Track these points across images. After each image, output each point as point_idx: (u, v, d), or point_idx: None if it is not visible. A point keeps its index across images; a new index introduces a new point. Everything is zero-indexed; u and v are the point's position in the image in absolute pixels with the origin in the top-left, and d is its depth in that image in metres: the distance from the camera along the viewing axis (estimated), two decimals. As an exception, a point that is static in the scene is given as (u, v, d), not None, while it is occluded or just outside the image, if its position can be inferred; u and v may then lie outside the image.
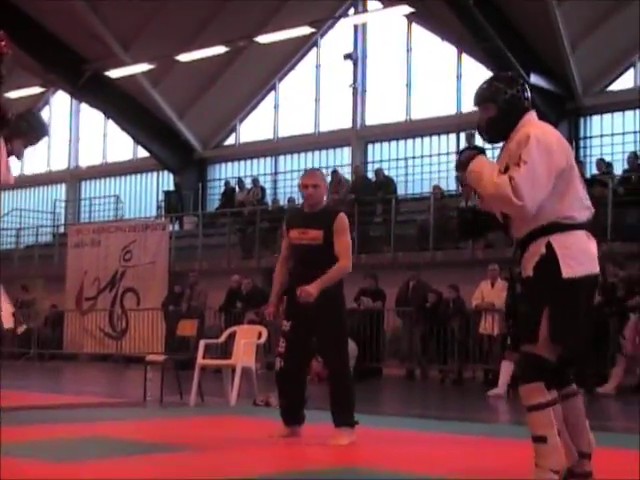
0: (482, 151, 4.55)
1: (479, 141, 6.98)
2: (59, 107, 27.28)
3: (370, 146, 22.03)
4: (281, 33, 19.87)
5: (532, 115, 4.52)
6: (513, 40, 17.68)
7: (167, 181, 25.28)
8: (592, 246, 4.37)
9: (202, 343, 10.10)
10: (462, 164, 4.48)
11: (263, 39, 20.19)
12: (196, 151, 24.44)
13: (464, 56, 19.98)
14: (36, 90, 24.68)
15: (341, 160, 22.25)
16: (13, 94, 24.59)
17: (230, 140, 24.62)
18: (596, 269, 4.37)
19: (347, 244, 6.57)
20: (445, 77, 20.11)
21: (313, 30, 20.66)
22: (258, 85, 23.39)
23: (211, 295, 17.77)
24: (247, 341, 9.84)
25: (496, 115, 4.48)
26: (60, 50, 22.99)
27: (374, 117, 21.85)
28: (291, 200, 20.54)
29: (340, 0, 21.65)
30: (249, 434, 7.15)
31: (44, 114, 27.38)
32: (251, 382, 9.69)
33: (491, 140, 4.63)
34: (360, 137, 21.99)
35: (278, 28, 19.97)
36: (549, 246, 4.28)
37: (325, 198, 6.85)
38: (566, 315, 4.24)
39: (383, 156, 21.72)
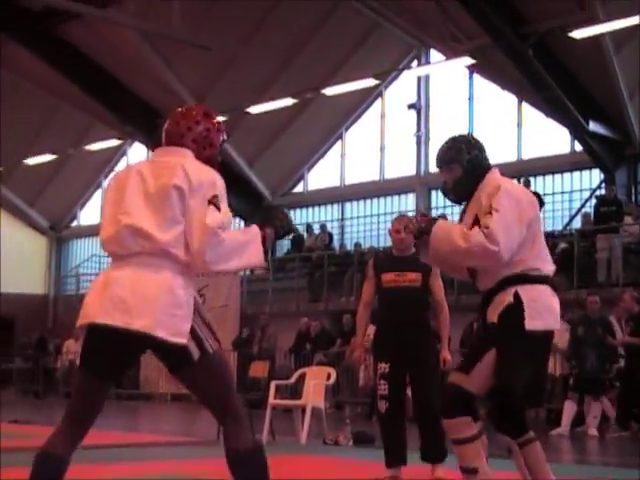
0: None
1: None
2: (136, 158, 28.13)
3: (434, 192, 22.28)
4: (347, 85, 20.18)
5: (496, 172, 4.54)
6: (572, 88, 17.93)
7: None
8: (555, 302, 4.42)
9: (273, 384, 10.53)
10: (424, 229, 4.42)
11: (330, 91, 20.57)
12: (266, 198, 24.92)
13: (524, 104, 20.28)
14: (114, 142, 25.53)
15: (405, 206, 22.60)
16: (93, 147, 25.59)
17: (298, 188, 25.13)
18: (556, 325, 4.44)
19: (443, 289, 6.90)
20: (506, 125, 20.49)
21: (378, 82, 21.00)
22: (325, 135, 23.96)
23: (281, 337, 18.14)
24: (317, 382, 10.18)
25: (462, 174, 4.51)
26: (137, 103, 23.80)
27: (437, 164, 22.25)
28: (357, 245, 21.03)
29: (404, 53, 22.23)
30: (321, 472, 7.32)
31: (121, 164, 28.42)
32: (321, 421, 10.03)
33: (457, 200, 4.64)
34: (423, 184, 22.28)
35: (344, 80, 20.35)
36: (516, 296, 4.31)
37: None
38: (516, 364, 4.31)
39: (446, 202, 22.07)
